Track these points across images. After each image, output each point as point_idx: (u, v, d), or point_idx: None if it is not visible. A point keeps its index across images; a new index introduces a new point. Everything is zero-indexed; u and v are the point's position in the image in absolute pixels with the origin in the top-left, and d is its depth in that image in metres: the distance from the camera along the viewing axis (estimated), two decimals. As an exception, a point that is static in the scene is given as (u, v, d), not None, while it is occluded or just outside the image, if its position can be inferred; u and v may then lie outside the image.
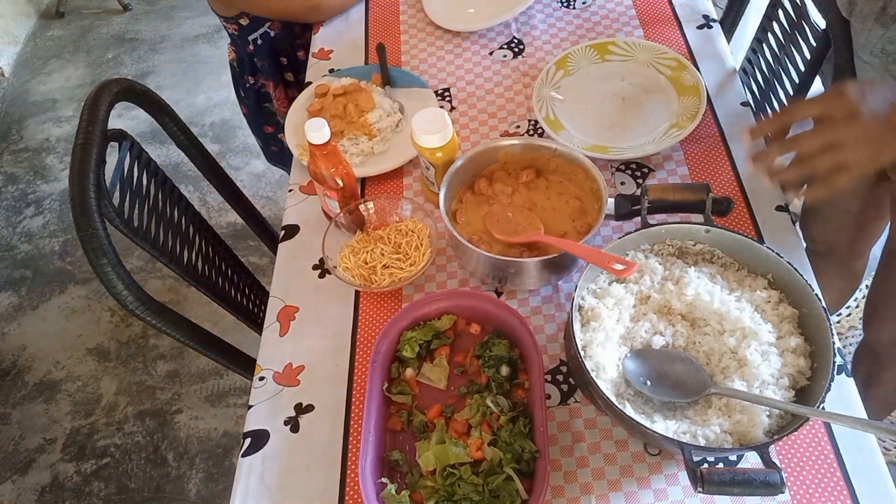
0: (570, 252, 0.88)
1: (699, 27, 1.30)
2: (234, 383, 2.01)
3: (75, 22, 3.29)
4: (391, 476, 0.82)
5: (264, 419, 0.92)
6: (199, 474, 1.85)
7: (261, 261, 2.24)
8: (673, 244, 0.90)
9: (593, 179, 0.95)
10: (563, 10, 1.37)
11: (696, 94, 1.14)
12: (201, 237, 1.28)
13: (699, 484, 0.68)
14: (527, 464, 0.78)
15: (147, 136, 2.62)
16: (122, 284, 0.95)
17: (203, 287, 1.21)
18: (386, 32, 1.39)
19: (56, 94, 2.96)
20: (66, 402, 2.04)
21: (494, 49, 1.33)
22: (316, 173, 1.01)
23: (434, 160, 0.99)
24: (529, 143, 1.00)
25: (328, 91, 1.22)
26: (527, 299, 0.98)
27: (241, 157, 2.57)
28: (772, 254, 0.84)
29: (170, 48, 3.08)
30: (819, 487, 0.79)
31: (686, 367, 0.81)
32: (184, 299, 2.21)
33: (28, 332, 2.20)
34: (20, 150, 2.75)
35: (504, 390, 0.86)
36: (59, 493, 1.86)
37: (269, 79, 1.59)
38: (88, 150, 0.98)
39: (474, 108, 1.24)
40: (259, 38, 1.51)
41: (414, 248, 1.00)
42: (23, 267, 2.37)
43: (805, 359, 0.79)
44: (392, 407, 0.88)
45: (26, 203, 2.56)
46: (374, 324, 0.99)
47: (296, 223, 1.12)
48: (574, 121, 1.16)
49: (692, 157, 1.11)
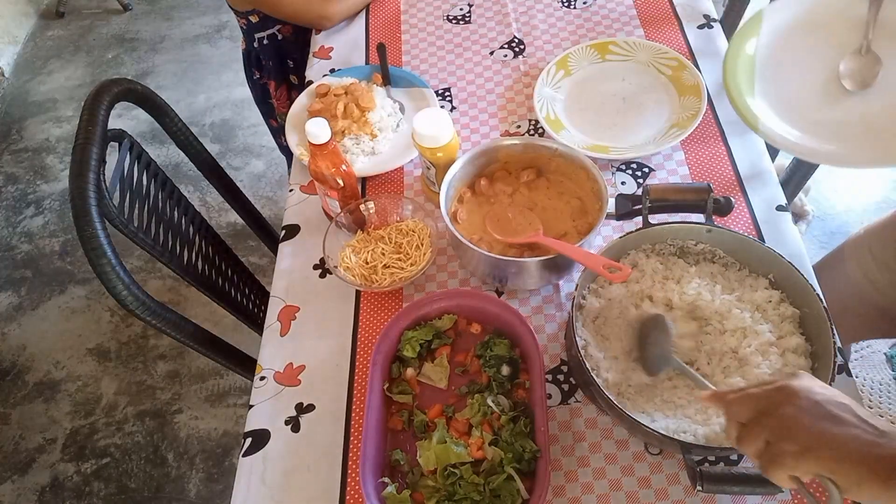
0: (565, 255, 0.87)
1: (700, 27, 1.30)
2: (234, 383, 2.01)
3: (75, 22, 3.29)
4: (392, 476, 0.82)
5: (265, 419, 0.92)
6: (199, 474, 1.85)
7: (261, 261, 2.24)
8: (674, 244, 0.90)
9: (594, 179, 0.95)
10: (563, 10, 1.37)
11: (697, 94, 1.14)
12: (201, 237, 1.27)
13: (699, 483, 0.68)
14: (528, 463, 0.78)
15: (147, 136, 2.62)
16: (122, 284, 0.95)
17: (203, 287, 1.21)
18: (386, 32, 1.39)
19: (56, 94, 2.96)
20: (66, 402, 2.03)
21: (495, 49, 1.33)
22: (317, 173, 1.01)
23: (435, 160, 0.99)
24: (530, 143, 1.00)
25: (329, 91, 1.22)
26: (527, 299, 0.98)
27: (241, 157, 2.57)
28: (773, 253, 0.84)
29: (170, 48, 3.07)
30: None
31: (659, 338, 0.81)
32: (184, 299, 2.21)
33: (28, 332, 2.20)
34: (20, 150, 2.75)
35: (505, 390, 0.86)
36: (59, 493, 1.86)
37: (272, 78, 1.59)
38: (88, 150, 0.98)
39: (475, 108, 1.24)
40: (266, 39, 1.52)
41: (414, 248, 1.00)
42: (23, 267, 2.37)
43: (806, 359, 0.79)
44: (393, 406, 0.88)
45: (26, 203, 2.56)
46: (375, 324, 0.99)
47: (296, 223, 1.12)
48: (575, 120, 1.16)
49: (693, 157, 1.11)
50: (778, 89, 1.01)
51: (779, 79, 1.01)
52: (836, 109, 0.98)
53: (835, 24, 1.02)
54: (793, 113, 0.99)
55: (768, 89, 1.01)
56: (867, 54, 0.98)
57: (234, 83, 2.83)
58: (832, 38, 1.02)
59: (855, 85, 0.98)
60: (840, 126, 0.97)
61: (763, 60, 1.04)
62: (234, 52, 2.87)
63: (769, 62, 1.03)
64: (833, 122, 0.97)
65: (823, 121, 0.98)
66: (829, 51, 1.01)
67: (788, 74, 1.02)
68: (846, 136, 0.95)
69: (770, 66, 1.03)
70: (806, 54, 1.02)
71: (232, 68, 2.91)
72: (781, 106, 1.00)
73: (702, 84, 1.14)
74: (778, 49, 1.04)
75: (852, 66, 0.99)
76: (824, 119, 0.98)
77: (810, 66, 1.02)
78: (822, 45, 1.02)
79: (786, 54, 1.03)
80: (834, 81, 1.00)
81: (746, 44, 1.04)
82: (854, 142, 0.95)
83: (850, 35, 1.00)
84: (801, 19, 1.04)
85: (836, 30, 1.02)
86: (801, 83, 1.01)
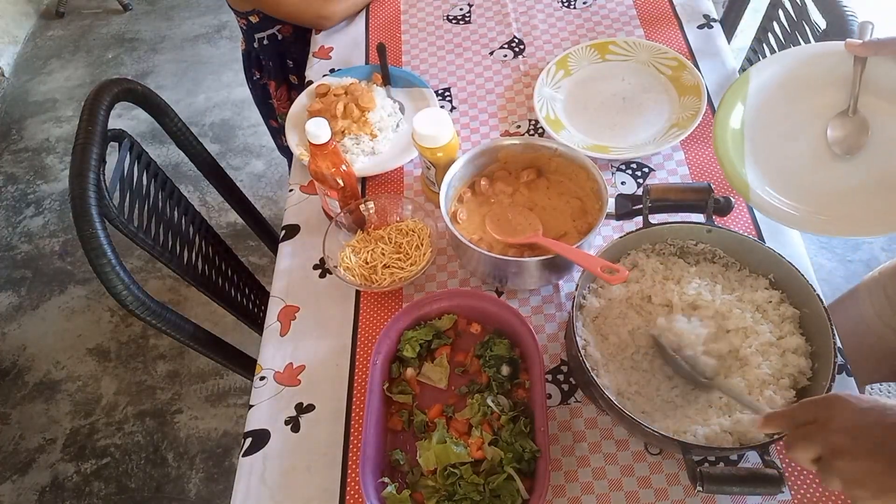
0: (563, 256, 0.87)
1: (700, 27, 1.30)
2: (234, 383, 2.01)
3: (75, 22, 3.29)
4: (392, 476, 0.82)
5: (265, 419, 0.92)
6: (199, 474, 1.85)
7: (261, 261, 2.24)
8: (674, 244, 0.90)
9: (594, 179, 0.95)
10: (563, 10, 1.37)
11: (697, 94, 1.14)
12: (201, 237, 1.28)
13: (699, 483, 0.68)
14: (527, 463, 0.78)
15: (147, 136, 2.62)
16: (122, 284, 0.95)
17: (203, 287, 1.21)
18: (386, 32, 1.39)
19: (56, 94, 2.96)
20: (66, 402, 2.03)
21: (495, 49, 1.33)
22: (317, 173, 1.01)
23: (435, 160, 0.99)
24: (530, 143, 1.00)
25: (329, 91, 1.22)
26: (527, 299, 0.98)
27: (241, 157, 2.57)
28: (773, 254, 0.84)
29: (170, 48, 3.08)
30: (819, 487, 0.79)
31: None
32: (184, 299, 2.21)
33: (28, 332, 2.20)
34: (20, 150, 2.75)
35: (505, 390, 0.86)
36: (59, 493, 1.86)
37: (272, 78, 1.59)
38: (88, 150, 0.98)
39: (475, 108, 1.24)
40: (266, 39, 1.52)
41: (414, 248, 1.00)
42: (23, 267, 2.37)
43: (806, 359, 0.79)
44: (393, 406, 0.88)
45: (26, 203, 2.56)
46: (375, 324, 0.99)
47: (296, 223, 1.12)
48: (574, 120, 1.16)
49: (693, 157, 1.11)
50: (768, 155, 0.98)
51: (768, 144, 0.98)
52: (827, 175, 0.94)
53: (821, 85, 0.98)
54: (784, 181, 0.95)
55: (758, 155, 0.98)
56: (854, 116, 0.95)
57: (234, 83, 2.83)
58: (819, 98, 0.98)
59: (844, 150, 0.94)
60: (833, 194, 0.93)
61: (752, 124, 1.00)
62: (234, 52, 2.87)
63: (758, 125, 1.00)
64: (825, 188, 0.93)
65: (815, 188, 0.94)
66: (818, 111, 0.98)
67: (778, 139, 0.99)
68: (839, 203, 0.92)
69: (759, 129, 1.00)
70: (794, 117, 0.99)
71: (232, 68, 2.91)
72: (772, 174, 0.96)
73: (702, 84, 1.14)
74: (766, 112, 1.00)
75: (839, 133, 0.95)
76: (816, 186, 0.94)
77: (800, 130, 0.98)
78: (810, 107, 0.99)
79: (774, 117, 1.00)
80: (823, 145, 0.96)
81: (734, 108, 1.00)
82: (846, 209, 0.91)
83: (837, 95, 0.96)
84: (788, 80, 1.00)
85: (823, 90, 0.98)
86: (791, 148, 0.98)
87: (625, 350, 0.84)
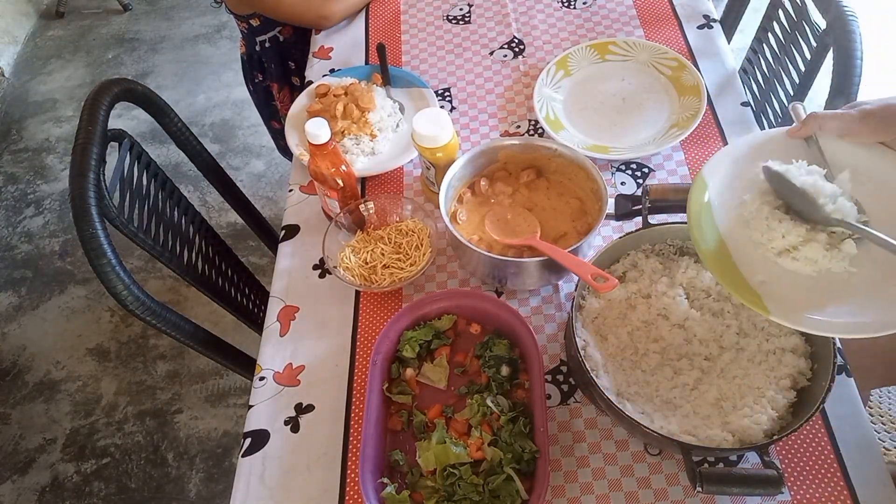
0: (557, 261, 0.87)
1: (699, 27, 1.30)
2: (234, 383, 2.01)
3: (75, 22, 3.29)
4: (391, 476, 0.82)
5: (265, 419, 0.92)
6: (199, 474, 1.85)
7: (261, 261, 2.24)
8: (674, 244, 0.90)
9: (594, 179, 0.95)
10: (563, 10, 1.37)
11: (697, 94, 1.14)
12: (201, 237, 1.28)
13: (699, 484, 0.68)
14: (527, 464, 0.78)
15: (147, 136, 2.62)
16: (122, 284, 0.95)
17: (203, 287, 1.21)
18: (386, 32, 1.40)
19: (56, 94, 2.96)
20: (66, 402, 2.03)
21: (495, 49, 1.33)
22: (316, 173, 1.01)
23: (434, 160, 0.99)
24: (530, 143, 1.00)
25: (329, 91, 1.22)
26: (527, 299, 0.98)
27: (241, 157, 2.57)
28: (772, 254, 0.83)
29: (170, 48, 3.07)
30: (819, 487, 0.79)
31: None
32: (184, 299, 2.21)
33: (28, 332, 2.20)
34: (20, 150, 2.75)
35: (504, 390, 0.86)
36: (59, 493, 1.86)
37: (274, 80, 1.59)
38: (88, 150, 0.98)
39: (474, 108, 1.24)
40: (267, 41, 1.52)
41: (414, 248, 1.00)
42: (23, 267, 2.37)
43: (806, 359, 0.79)
44: (392, 407, 0.88)
45: (26, 203, 2.56)
46: (375, 324, 0.99)
47: (296, 223, 1.12)
48: (574, 121, 1.16)
49: (693, 157, 1.11)
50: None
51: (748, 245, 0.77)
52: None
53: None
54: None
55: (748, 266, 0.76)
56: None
57: (234, 83, 2.83)
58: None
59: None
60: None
61: (727, 234, 0.78)
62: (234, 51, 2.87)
63: (734, 234, 0.78)
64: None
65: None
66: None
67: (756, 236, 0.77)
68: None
69: (735, 232, 0.78)
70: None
71: (232, 68, 2.91)
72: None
73: (701, 84, 1.14)
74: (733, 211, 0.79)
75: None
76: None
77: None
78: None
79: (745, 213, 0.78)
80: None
81: (707, 230, 0.78)
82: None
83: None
84: (743, 172, 0.80)
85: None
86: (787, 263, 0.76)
87: (624, 351, 0.84)
